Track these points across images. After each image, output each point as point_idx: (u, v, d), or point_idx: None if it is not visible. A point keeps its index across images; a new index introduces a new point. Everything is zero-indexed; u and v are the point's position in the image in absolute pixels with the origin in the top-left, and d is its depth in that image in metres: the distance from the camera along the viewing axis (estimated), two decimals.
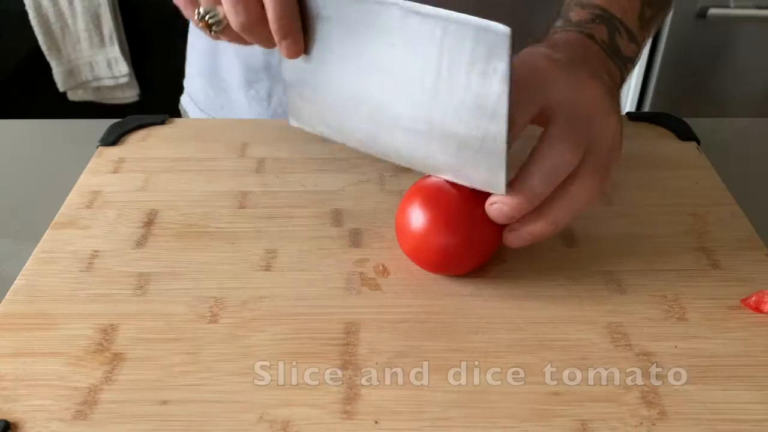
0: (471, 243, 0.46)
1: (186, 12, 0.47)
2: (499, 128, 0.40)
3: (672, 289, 0.47)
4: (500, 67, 0.38)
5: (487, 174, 0.42)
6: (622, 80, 0.50)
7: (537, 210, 0.43)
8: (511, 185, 0.42)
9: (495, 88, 0.39)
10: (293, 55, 0.45)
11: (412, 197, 0.47)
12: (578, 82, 0.44)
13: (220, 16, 0.45)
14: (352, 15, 0.43)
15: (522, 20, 0.50)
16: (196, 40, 0.79)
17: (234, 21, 0.43)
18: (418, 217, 0.46)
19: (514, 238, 0.44)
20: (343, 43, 0.45)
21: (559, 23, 0.51)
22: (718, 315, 0.45)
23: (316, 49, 0.46)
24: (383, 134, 0.47)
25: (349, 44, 0.45)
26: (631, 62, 0.51)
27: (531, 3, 0.65)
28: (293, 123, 0.53)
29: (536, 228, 0.43)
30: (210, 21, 0.45)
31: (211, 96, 0.78)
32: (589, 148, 0.43)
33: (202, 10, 0.45)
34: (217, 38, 0.47)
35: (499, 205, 0.42)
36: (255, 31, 0.43)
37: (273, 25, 0.42)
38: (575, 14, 0.51)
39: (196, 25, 0.47)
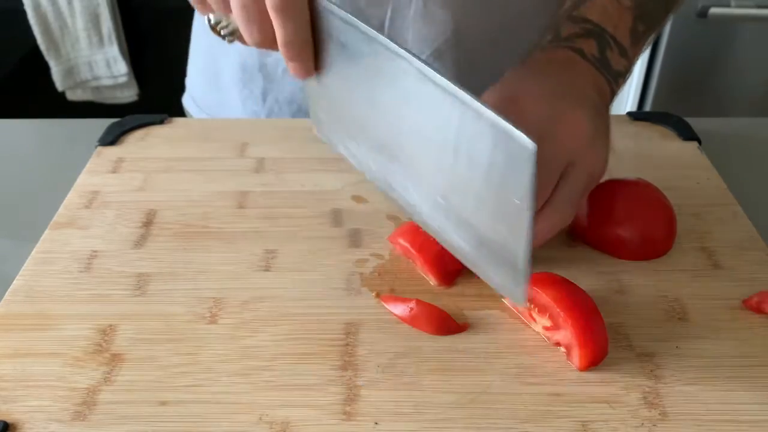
0: None
1: (199, 11, 0.46)
2: (521, 244, 0.36)
3: (673, 289, 0.47)
4: (523, 183, 0.33)
5: (506, 281, 0.40)
6: (613, 94, 0.50)
7: None
8: None
9: (516, 201, 0.35)
10: (301, 76, 0.44)
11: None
12: (558, 114, 0.44)
13: (233, 27, 0.44)
14: (365, 50, 0.40)
15: (502, 46, 0.51)
16: (199, 39, 0.79)
17: (247, 39, 0.42)
18: None
19: None
20: (357, 77, 0.42)
21: (549, 37, 0.51)
22: (719, 315, 0.45)
23: (331, 70, 0.44)
24: (397, 185, 0.45)
25: (362, 79, 0.42)
26: (621, 76, 0.51)
27: (511, 31, 0.64)
28: (317, 134, 0.51)
29: None
30: (222, 32, 0.44)
31: (209, 94, 0.79)
32: (565, 175, 0.44)
33: (213, 18, 0.44)
34: (231, 42, 0.46)
35: None
36: (269, 48, 0.43)
37: (281, 48, 0.42)
38: (565, 29, 0.51)
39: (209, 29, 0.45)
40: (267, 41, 0.42)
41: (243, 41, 0.44)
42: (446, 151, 0.38)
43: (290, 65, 0.43)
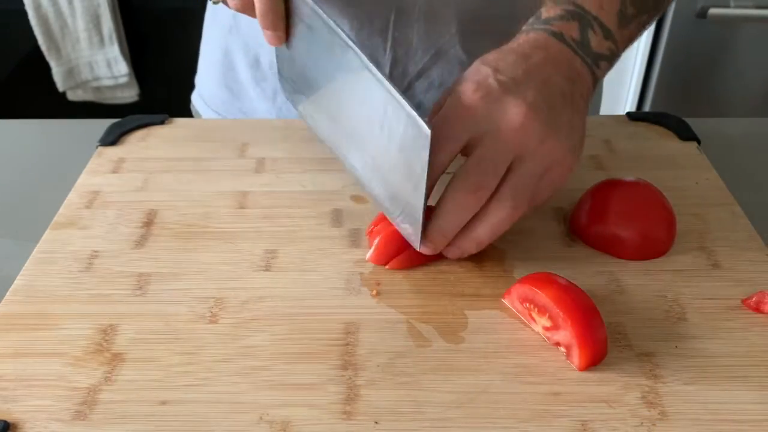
0: None
1: None
2: (417, 202, 0.44)
3: (672, 289, 0.47)
4: (422, 159, 0.41)
5: (410, 228, 0.47)
6: (595, 77, 0.49)
7: (463, 228, 0.46)
8: (428, 223, 0.46)
9: (417, 170, 0.42)
10: (273, 44, 0.53)
11: None
12: (507, 111, 0.44)
13: None
14: (325, 35, 0.47)
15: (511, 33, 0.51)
16: (213, 38, 0.79)
17: (230, 3, 0.52)
18: None
19: (447, 252, 0.48)
20: (317, 55, 0.51)
21: (531, 20, 0.51)
22: (718, 315, 0.45)
23: (298, 44, 0.52)
24: (345, 150, 0.53)
25: (321, 58, 0.50)
26: (604, 59, 0.50)
27: (516, 29, 0.64)
28: (284, 95, 0.61)
29: (463, 246, 0.47)
30: None
31: (219, 92, 0.79)
32: (514, 169, 0.45)
33: None
34: (216, 3, 0.56)
35: (423, 248, 0.47)
36: (247, 13, 0.51)
37: (258, 18, 0.50)
38: (546, 11, 0.50)
39: None
40: (247, 9, 0.51)
41: (227, 4, 0.52)
42: (376, 124, 0.46)
43: (264, 33, 0.51)
